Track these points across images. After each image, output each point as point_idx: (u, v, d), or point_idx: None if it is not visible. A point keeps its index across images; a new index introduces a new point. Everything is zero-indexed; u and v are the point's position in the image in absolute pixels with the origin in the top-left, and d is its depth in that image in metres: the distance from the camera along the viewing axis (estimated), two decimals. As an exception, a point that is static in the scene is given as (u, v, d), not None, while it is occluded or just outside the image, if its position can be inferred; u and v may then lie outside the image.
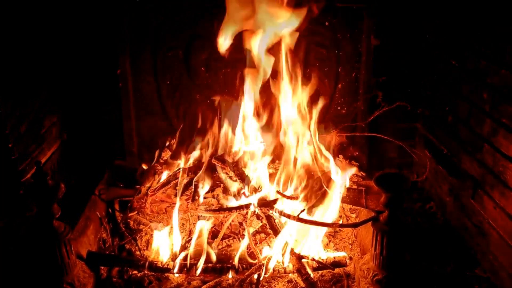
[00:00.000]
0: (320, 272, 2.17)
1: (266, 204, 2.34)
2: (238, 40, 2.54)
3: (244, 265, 2.12)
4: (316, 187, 2.46)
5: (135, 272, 2.16)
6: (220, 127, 2.81)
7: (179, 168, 2.66)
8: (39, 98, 2.54)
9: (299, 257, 2.15)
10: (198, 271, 2.09)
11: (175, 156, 2.81)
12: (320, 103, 2.65)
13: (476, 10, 2.24)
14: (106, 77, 2.78)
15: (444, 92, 2.60)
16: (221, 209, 2.38)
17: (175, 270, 2.10)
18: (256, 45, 2.45)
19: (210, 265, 2.12)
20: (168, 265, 2.13)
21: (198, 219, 2.43)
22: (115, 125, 2.89)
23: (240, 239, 2.31)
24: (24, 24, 2.38)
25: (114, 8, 2.65)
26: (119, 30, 2.70)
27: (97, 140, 2.92)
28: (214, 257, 2.17)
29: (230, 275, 2.11)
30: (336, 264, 2.18)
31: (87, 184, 2.64)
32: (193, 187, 2.55)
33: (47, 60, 2.63)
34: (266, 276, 2.11)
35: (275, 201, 2.36)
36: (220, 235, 2.32)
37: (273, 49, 2.56)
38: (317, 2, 2.51)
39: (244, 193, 2.47)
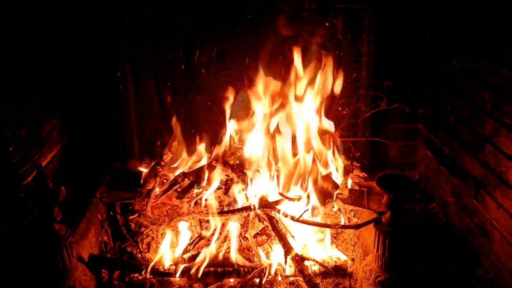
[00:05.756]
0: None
1: (268, 205, 2.34)
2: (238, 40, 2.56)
3: (246, 269, 2.11)
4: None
5: (136, 274, 2.16)
6: (221, 128, 2.81)
7: (181, 172, 2.66)
8: (40, 99, 2.54)
9: (302, 259, 2.14)
10: (200, 275, 2.08)
11: (176, 158, 2.81)
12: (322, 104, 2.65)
13: (477, 10, 2.24)
14: (106, 78, 2.78)
15: (445, 92, 2.60)
16: (223, 211, 2.37)
17: (177, 274, 2.10)
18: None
19: (212, 269, 2.11)
20: (169, 269, 2.12)
21: (200, 222, 2.43)
22: (116, 127, 2.89)
23: (243, 241, 2.31)
24: (24, 25, 2.38)
25: (114, 8, 2.64)
26: (119, 31, 2.70)
27: (98, 143, 2.92)
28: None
29: (232, 278, 2.10)
30: (338, 268, 2.17)
31: (88, 186, 2.64)
32: (194, 190, 2.55)
33: (47, 61, 2.63)
34: (268, 279, 2.10)
35: (277, 202, 2.35)
36: (222, 237, 2.31)
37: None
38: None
39: (246, 195, 2.46)
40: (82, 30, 2.66)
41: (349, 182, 2.66)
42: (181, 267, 2.11)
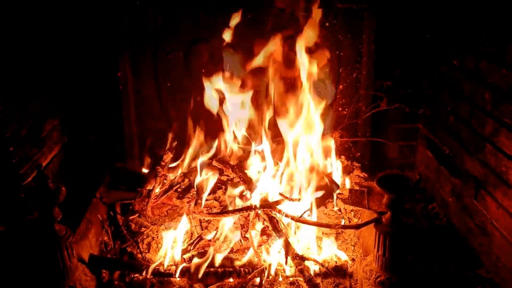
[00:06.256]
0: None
1: (268, 205, 2.34)
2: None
3: (247, 269, 2.11)
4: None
5: (137, 275, 2.16)
6: (222, 128, 2.81)
7: (181, 172, 2.66)
8: (40, 99, 2.54)
9: (302, 259, 2.14)
10: (200, 275, 2.08)
11: (176, 158, 2.81)
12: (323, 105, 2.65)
13: (477, 10, 2.24)
14: (106, 78, 2.77)
15: (445, 92, 2.60)
16: (224, 212, 2.37)
17: (177, 274, 2.09)
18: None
19: (212, 269, 2.11)
20: (170, 269, 2.12)
21: (200, 223, 2.42)
22: (116, 127, 2.89)
23: (242, 241, 2.30)
24: (25, 25, 2.38)
25: (114, 8, 2.64)
26: (119, 31, 2.70)
27: (98, 143, 2.91)
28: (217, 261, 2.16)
29: (232, 279, 2.10)
30: (338, 268, 2.17)
31: (88, 186, 2.63)
32: (195, 190, 2.55)
33: (47, 61, 2.62)
34: (269, 279, 2.10)
35: (278, 202, 2.35)
36: (222, 238, 2.31)
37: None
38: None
39: (246, 195, 2.46)
40: (82, 30, 2.66)
41: (349, 182, 2.66)
42: (181, 267, 2.11)
